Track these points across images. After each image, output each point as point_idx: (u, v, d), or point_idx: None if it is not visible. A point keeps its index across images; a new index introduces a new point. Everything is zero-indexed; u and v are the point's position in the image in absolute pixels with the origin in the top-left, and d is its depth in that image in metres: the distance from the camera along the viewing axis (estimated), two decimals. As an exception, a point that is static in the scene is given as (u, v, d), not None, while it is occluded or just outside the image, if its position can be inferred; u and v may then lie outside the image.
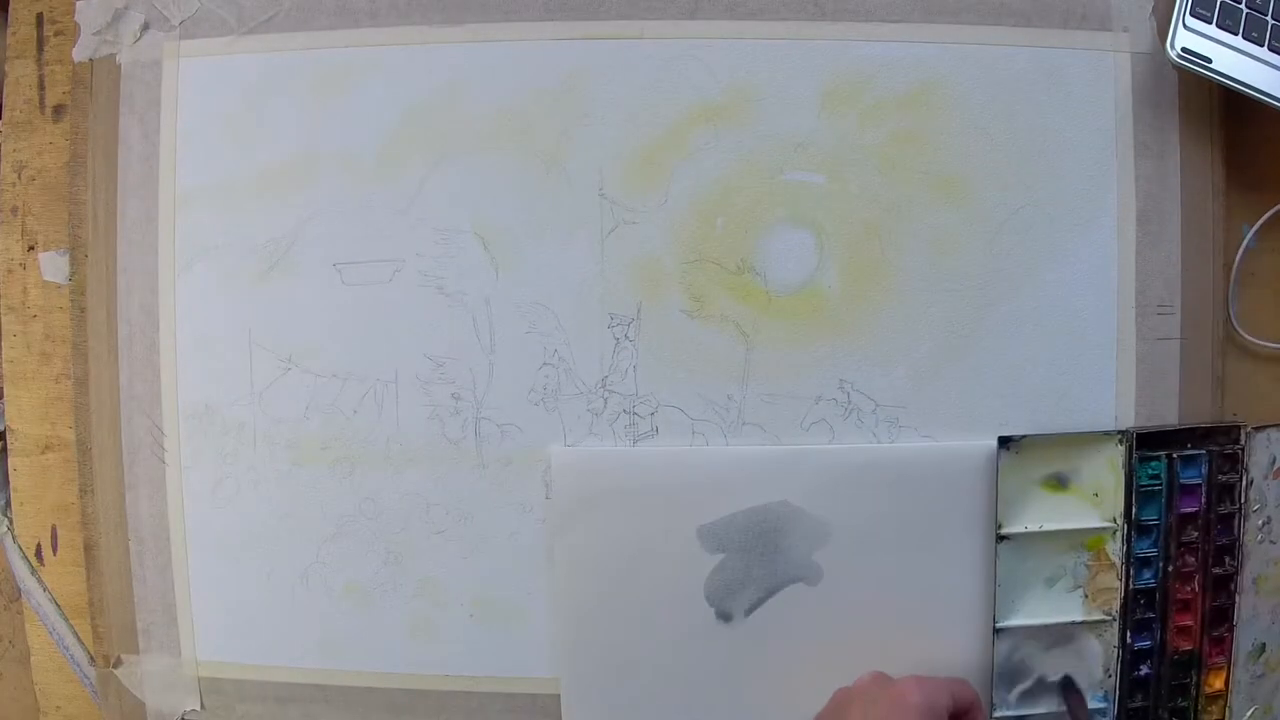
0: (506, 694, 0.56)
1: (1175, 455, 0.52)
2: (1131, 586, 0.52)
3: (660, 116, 0.53)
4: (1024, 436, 0.52)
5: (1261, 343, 0.55)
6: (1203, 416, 0.53)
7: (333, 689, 0.56)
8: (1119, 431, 0.52)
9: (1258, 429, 0.52)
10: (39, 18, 0.57)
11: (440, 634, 0.55)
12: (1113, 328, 0.53)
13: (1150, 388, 0.53)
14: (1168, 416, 0.53)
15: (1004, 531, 0.52)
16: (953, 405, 0.53)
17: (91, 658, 0.58)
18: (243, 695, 0.57)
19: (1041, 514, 0.53)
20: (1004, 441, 0.52)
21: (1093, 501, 0.53)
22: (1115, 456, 0.52)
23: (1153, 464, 0.52)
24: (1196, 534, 0.52)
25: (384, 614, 0.55)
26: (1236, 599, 0.52)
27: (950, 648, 0.54)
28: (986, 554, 0.53)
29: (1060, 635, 0.53)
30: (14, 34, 0.57)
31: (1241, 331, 0.54)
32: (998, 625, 0.53)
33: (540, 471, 0.54)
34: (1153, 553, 0.52)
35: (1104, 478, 0.52)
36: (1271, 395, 0.55)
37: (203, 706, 0.57)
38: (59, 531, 0.58)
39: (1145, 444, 0.52)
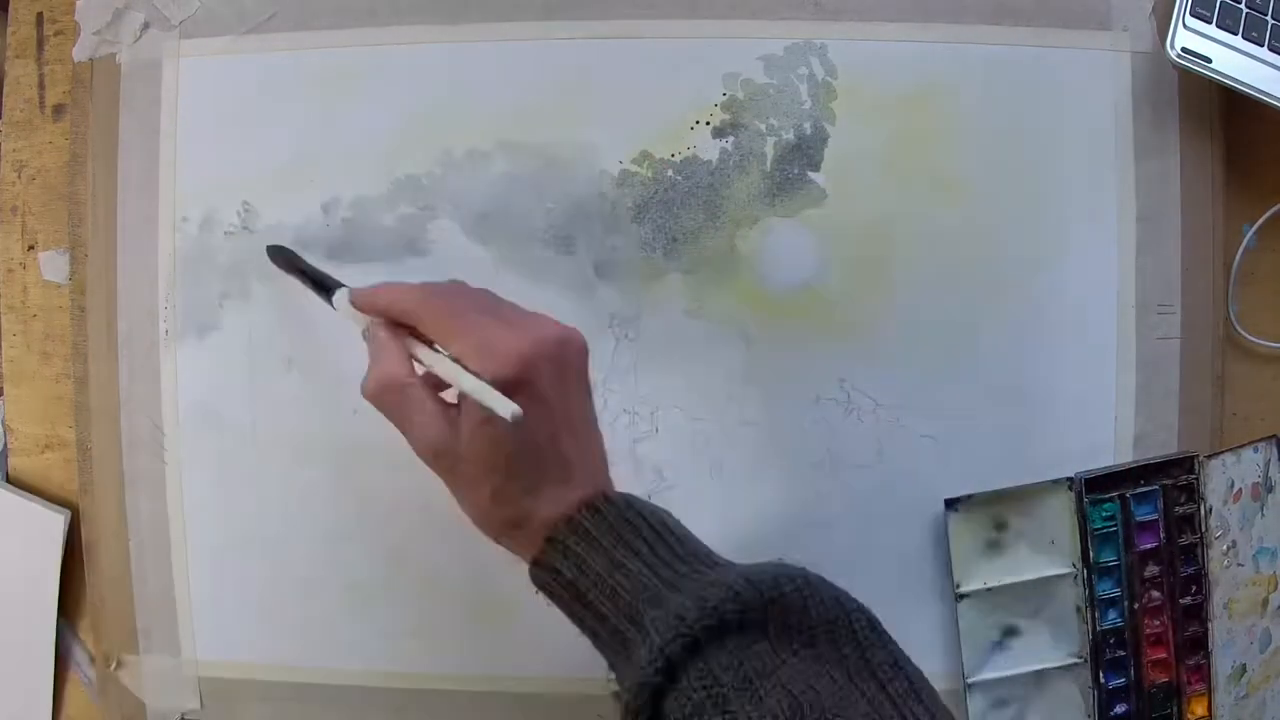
0: (506, 694, 0.56)
1: (1128, 494, 0.52)
2: (1099, 628, 0.52)
3: (660, 116, 0.53)
4: (970, 496, 0.52)
5: (1261, 342, 0.55)
6: (1202, 415, 0.53)
7: (333, 689, 0.56)
8: (1067, 479, 0.52)
9: (1210, 456, 0.53)
10: (39, 17, 0.57)
11: (440, 634, 0.55)
12: (1113, 327, 0.53)
13: (1150, 387, 0.53)
14: (1168, 416, 0.53)
15: (962, 590, 0.53)
16: (953, 405, 0.53)
17: (91, 658, 0.58)
18: (243, 695, 0.57)
19: (1000, 568, 0.53)
20: (951, 504, 0.52)
21: (1049, 550, 0.53)
22: (1066, 503, 0.52)
23: (1105, 505, 0.52)
24: (1159, 568, 0.52)
25: (384, 614, 0.55)
26: (1210, 626, 0.53)
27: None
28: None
29: (1034, 682, 0.53)
30: (14, 34, 0.57)
31: (1241, 331, 0.54)
32: (968, 680, 0.53)
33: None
34: (1116, 593, 0.52)
35: (1058, 525, 0.53)
36: (1271, 395, 0.55)
37: (203, 706, 0.57)
38: (59, 531, 0.58)
39: (1096, 487, 0.52)
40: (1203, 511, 0.52)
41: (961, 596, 0.53)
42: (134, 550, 0.56)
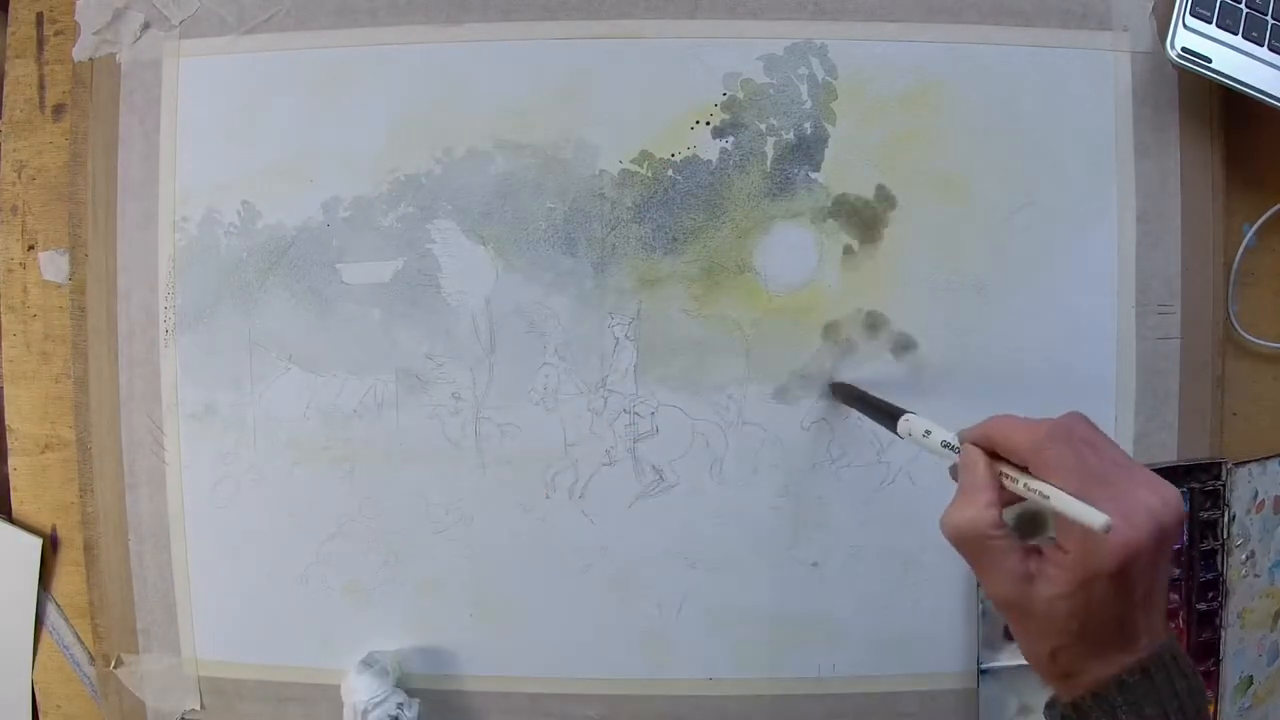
0: (506, 694, 0.56)
1: None
2: None
3: (660, 115, 0.53)
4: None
5: (1261, 342, 0.55)
6: (1202, 415, 0.53)
7: (333, 689, 0.56)
8: None
9: (1239, 464, 0.52)
10: (39, 17, 0.57)
11: (440, 634, 0.55)
12: (1113, 327, 0.53)
13: (1150, 387, 0.53)
14: (1168, 416, 0.53)
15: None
16: (953, 404, 0.53)
17: (91, 658, 0.58)
18: (243, 695, 0.57)
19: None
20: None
21: None
22: None
23: None
24: (1179, 570, 0.52)
25: (384, 614, 0.55)
26: (1222, 634, 0.53)
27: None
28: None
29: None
30: (14, 34, 0.57)
31: (1241, 331, 0.54)
32: (982, 667, 0.53)
33: (540, 471, 0.54)
34: None
35: None
36: (1272, 395, 0.55)
37: (203, 706, 0.57)
38: (59, 531, 0.58)
39: None
40: (1226, 518, 0.52)
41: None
42: (134, 550, 0.56)
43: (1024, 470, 0.36)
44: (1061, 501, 0.34)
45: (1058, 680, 0.38)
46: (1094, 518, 0.33)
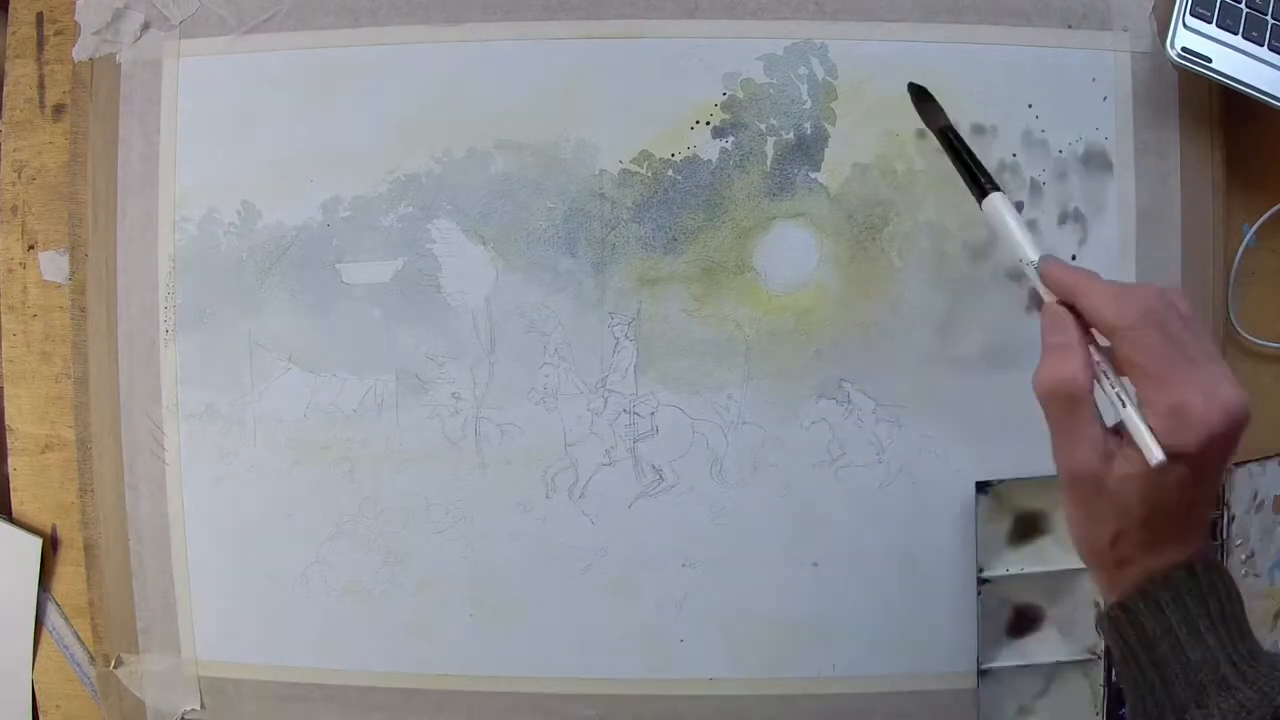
0: (506, 694, 0.56)
1: None
2: None
3: (660, 115, 0.53)
4: (1001, 481, 0.52)
5: (1261, 343, 0.55)
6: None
7: (332, 689, 0.56)
8: None
9: (1239, 464, 0.52)
10: (39, 17, 0.57)
11: (440, 634, 0.55)
12: (1113, 327, 0.53)
13: (1150, 387, 0.53)
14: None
15: (985, 575, 0.53)
16: (953, 405, 0.53)
17: (91, 657, 0.58)
18: (243, 695, 0.57)
19: (1022, 556, 0.53)
20: (982, 486, 0.52)
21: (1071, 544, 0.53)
22: None
23: None
24: None
25: (384, 614, 0.55)
26: None
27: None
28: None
29: (1046, 675, 0.53)
30: (14, 34, 0.57)
31: (1241, 331, 0.54)
32: (981, 668, 0.53)
33: (540, 471, 0.54)
34: None
35: None
36: (1272, 395, 0.55)
37: (203, 706, 0.57)
38: (59, 531, 0.58)
39: None
40: (1226, 519, 0.52)
41: (984, 581, 0.53)
42: (134, 550, 0.56)
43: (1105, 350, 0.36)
44: (1130, 420, 0.34)
45: (1111, 569, 0.37)
46: (1153, 449, 0.33)
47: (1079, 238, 0.53)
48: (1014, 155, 0.53)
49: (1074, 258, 0.53)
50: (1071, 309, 0.37)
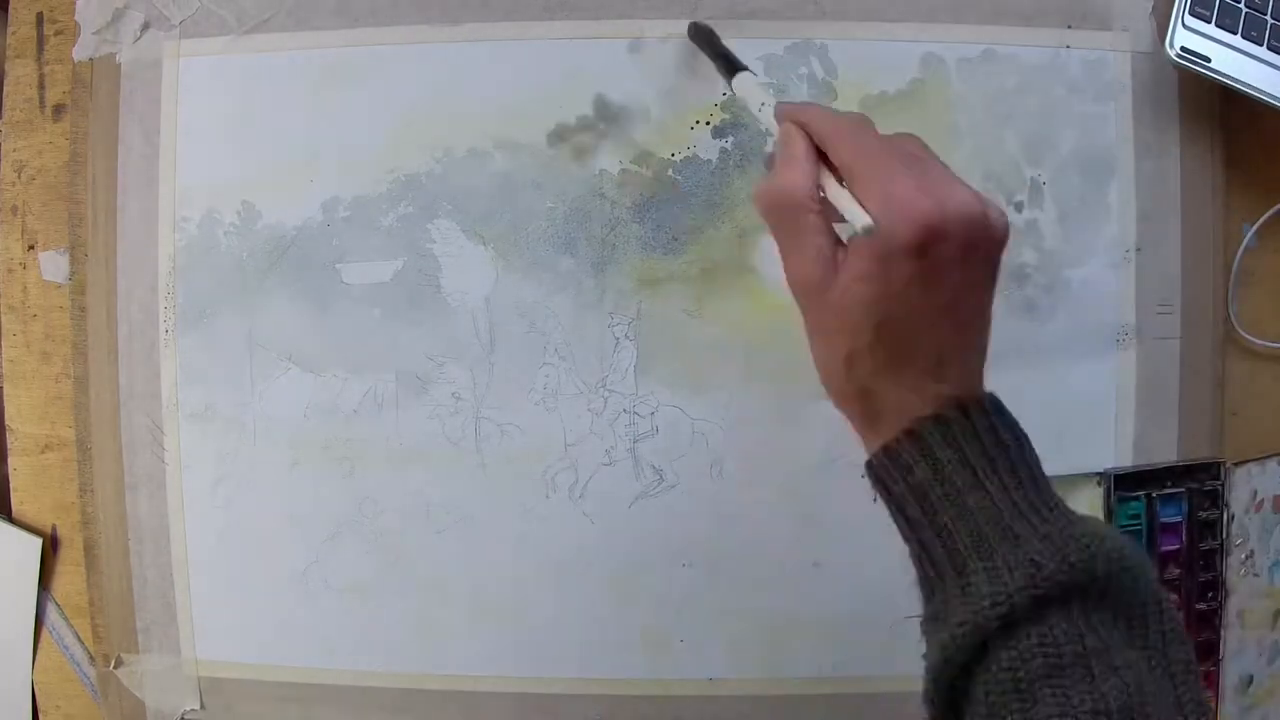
0: (506, 694, 0.56)
1: (1154, 495, 0.52)
2: None
3: (660, 115, 0.53)
4: None
5: (1261, 342, 0.55)
6: (1202, 415, 0.53)
7: (333, 689, 0.56)
8: (1097, 473, 0.52)
9: (1237, 464, 0.52)
10: (39, 17, 0.57)
11: (440, 634, 0.55)
12: (1113, 327, 0.53)
13: (1150, 387, 0.53)
14: (1168, 416, 0.53)
15: None
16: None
17: (91, 658, 0.58)
18: (243, 695, 0.57)
19: None
20: None
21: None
22: (1094, 498, 0.52)
23: (1132, 504, 0.52)
24: (1179, 571, 0.52)
25: (384, 614, 0.55)
26: (1222, 633, 0.53)
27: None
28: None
29: None
30: (14, 34, 0.57)
31: (1241, 331, 0.54)
32: None
33: (540, 471, 0.54)
34: None
35: None
36: (1271, 395, 0.55)
37: (203, 706, 0.57)
38: (59, 531, 0.58)
39: (1124, 485, 0.52)
40: (1225, 518, 0.52)
41: None
42: (134, 550, 0.56)
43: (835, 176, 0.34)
44: (835, 193, 0.33)
45: (855, 405, 0.35)
46: (859, 215, 0.31)
47: (1079, 238, 0.53)
48: (1014, 155, 0.53)
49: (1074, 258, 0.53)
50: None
